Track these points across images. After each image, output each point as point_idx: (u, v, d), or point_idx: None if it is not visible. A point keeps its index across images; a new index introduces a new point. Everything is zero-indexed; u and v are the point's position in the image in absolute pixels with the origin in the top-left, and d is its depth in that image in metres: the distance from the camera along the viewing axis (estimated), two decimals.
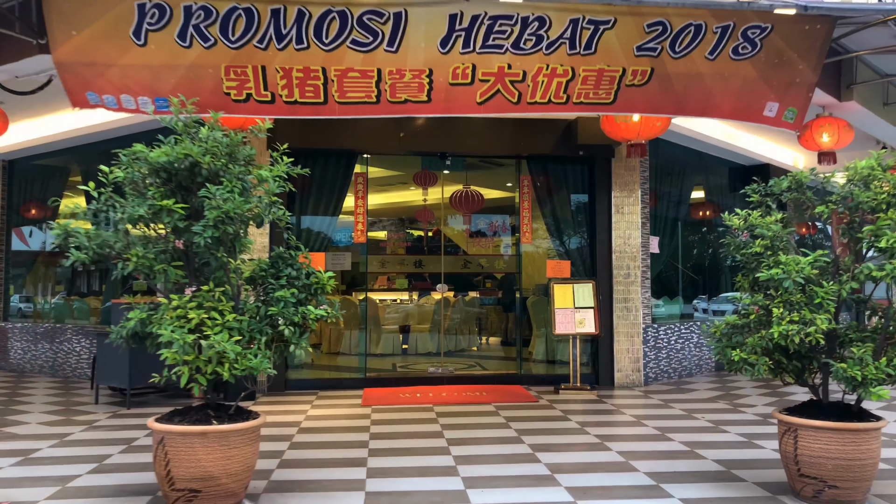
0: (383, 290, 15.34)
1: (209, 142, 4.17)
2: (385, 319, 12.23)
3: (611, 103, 6.29)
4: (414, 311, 12.45)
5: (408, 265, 10.51)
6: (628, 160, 9.29)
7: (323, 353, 12.05)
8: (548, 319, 10.65)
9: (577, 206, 9.53)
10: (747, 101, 6.30)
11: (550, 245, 13.60)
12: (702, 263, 13.00)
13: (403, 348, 12.25)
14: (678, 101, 6.29)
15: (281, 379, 8.73)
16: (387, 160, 10.37)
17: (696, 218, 12.24)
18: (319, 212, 9.02)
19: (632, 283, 9.22)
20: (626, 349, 9.17)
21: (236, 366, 4.13)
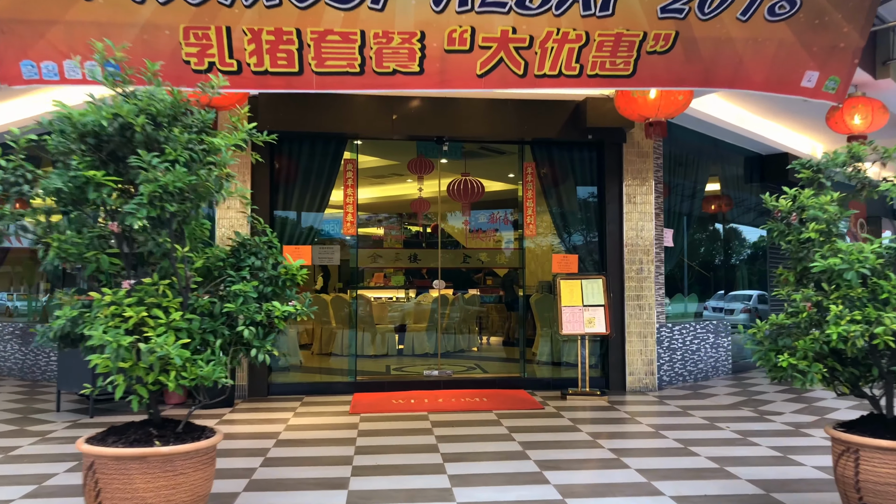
0: (378, 288, 14.66)
1: (145, 100, 3.43)
2: (379, 318, 11.50)
3: (629, 76, 5.55)
4: (409, 310, 11.73)
5: (402, 260, 9.77)
6: (641, 146, 8.56)
7: (314, 353, 11.35)
8: (553, 318, 9.92)
9: (586, 195, 8.80)
10: (783, 69, 5.56)
11: (555, 239, 12.85)
12: (710, 260, 12.28)
13: (399, 349, 11.54)
14: (705, 71, 5.55)
15: (263, 383, 8.01)
16: (379, 147, 9.64)
17: (708, 212, 11.51)
18: (305, 202, 8.30)
19: (645, 279, 8.49)
20: (639, 350, 8.44)
21: (184, 374, 3.40)
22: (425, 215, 11.14)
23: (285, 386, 8.23)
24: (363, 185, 14.20)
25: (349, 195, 8.39)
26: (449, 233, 10.89)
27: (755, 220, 11.90)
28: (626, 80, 5.61)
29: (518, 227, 10.07)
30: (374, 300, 12.41)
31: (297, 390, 8.18)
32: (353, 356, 8.70)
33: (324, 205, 8.32)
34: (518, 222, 9.17)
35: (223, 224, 7.98)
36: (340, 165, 8.40)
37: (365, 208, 12.11)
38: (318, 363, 10.56)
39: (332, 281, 14.55)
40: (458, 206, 9.00)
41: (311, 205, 8.29)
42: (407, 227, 10.39)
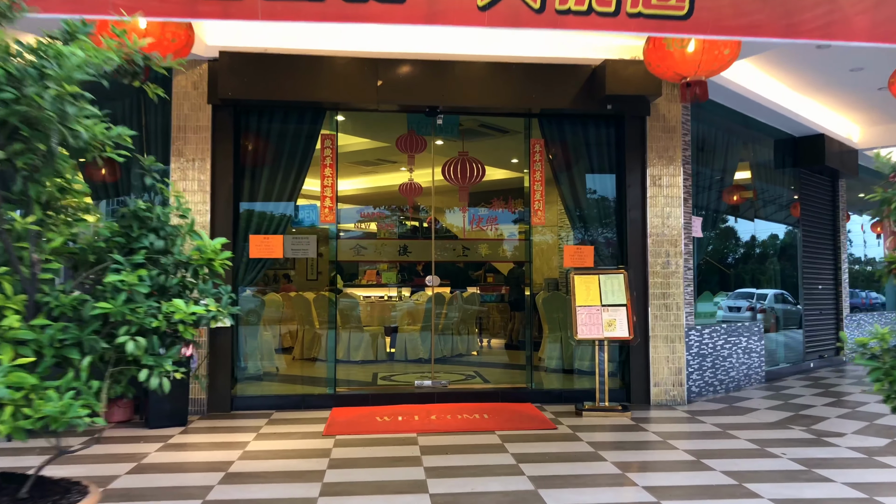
0: (367, 286, 13.48)
1: None
2: (366, 319, 10.31)
3: (684, 16, 4.35)
4: (401, 310, 10.52)
5: (390, 252, 8.54)
6: (667, 119, 7.36)
7: (295, 359, 10.16)
8: (563, 320, 8.73)
9: (603, 177, 7.60)
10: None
11: (565, 230, 11.66)
12: (731, 255, 11.11)
13: (391, 352, 10.35)
14: (787, 15, 4.33)
15: (225, 396, 6.81)
16: (363, 123, 8.45)
17: (729, 202, 10.30)
18: (276, 184, 7.10)
19: (672, 275, 7.29)
20: (666, 357, 7.24)
21: (26, 412, 2.20)
22: (420, 209, 9.94)
23: (253, 399, 7.03)
24: (346, 175, 13.11)
25: (328, 177, 7.19)
26: (444, 222, 9.70)
27: (780, 213, 10.68)
28: (678, 24, 4.40)
29: (523, 217, 8.88)
30: (364, 299, 11.21)
31: (266, 404, 6.98)
32: (333, 363, 7.50)
33: (297, 188, 7.12)
34: (524, 211, 7.96)
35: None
36: (317, 142, 7.20)
37: (348, 200, 10.93)
38: (300, 370, 9.37)
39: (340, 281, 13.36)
40: (454, 192, 7.78)
41: (282, 188, 7.09)
42: (402, 221, 9.15)
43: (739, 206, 10.29)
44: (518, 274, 11.71)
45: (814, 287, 10.80)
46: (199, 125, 6.82)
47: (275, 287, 14.86)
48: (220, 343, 6.81)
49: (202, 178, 6.79)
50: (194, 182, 6.79)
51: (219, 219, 6.87)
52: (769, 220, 10.84)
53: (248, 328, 8.29)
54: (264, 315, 9.27)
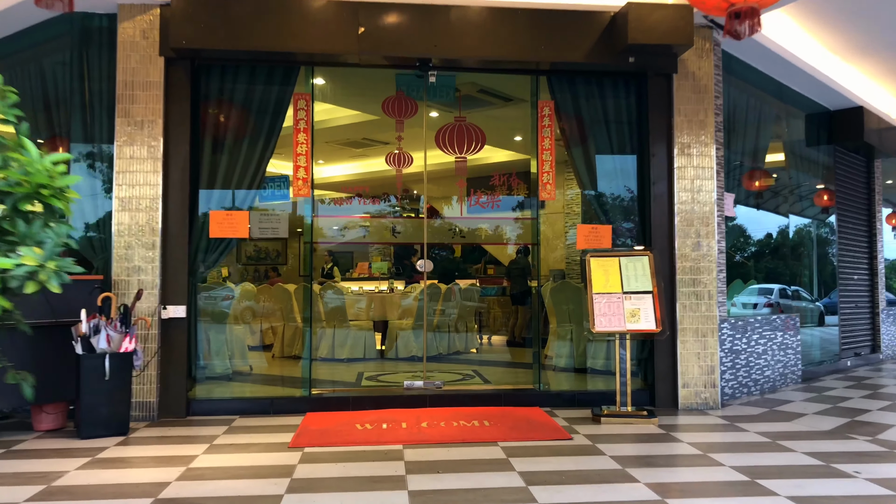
0: (359, 279, 12.50)
1: None
2: (353, 313, 9.29)
3: None
4: (391, 302, 9.50)
5: (374, 233, 7.46)
6: (697, 77, 6.33)
7: (275, 357, 9.15)
8: (574, 312, 7.71)
9: (622, 144, 6.56)
10: None
11: (568, 217, 10.73)
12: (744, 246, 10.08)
13: (380, 350, 9.34)
14: None
15: (181, 399, 5.79)
16: (342, 86, 7.42)
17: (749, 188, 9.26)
18: (241, 153, 6.08)
19: (703, 258, 6.27)
20: (696, 354, 6.22)
21: None
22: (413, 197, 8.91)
23: (214, 403, 5.99)
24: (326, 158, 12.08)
25: (302, 143, 6.16)
26: (437, 200, 8.66)
27: (811, 198, 9.64)
28: None
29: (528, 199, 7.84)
30: (350, 291, 10.19)
31: (229, 408, 5.95)
32: (309, 360, 6.46)
33: (266, 157, 6.09)
34: (530, 187, 6.93)
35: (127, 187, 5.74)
36: (289, 105, 6.17)
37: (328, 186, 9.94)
38: (280, 369, 8.35)
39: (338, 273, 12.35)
40: (450, 165, 6.72)
41: (249, 158, 6.07)
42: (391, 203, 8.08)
43: (763, 193, 9.25)
44: (521, 265, 10.71)
45: (849, 278, 9.78)
46: (150, 81, 5.80)
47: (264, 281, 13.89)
48: (174, 337, 5.78)
49: (153, 143, 5.77)
50: (143, 148, 5.76)
51: (173, 192, 5.85)
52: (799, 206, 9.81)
53: (212, 322, 7.25)
54: (237, 308, 8.25)
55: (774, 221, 9.59)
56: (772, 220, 9.58)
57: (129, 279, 5.69)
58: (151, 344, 5.67)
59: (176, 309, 5.76)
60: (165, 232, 5.81)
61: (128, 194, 5.74)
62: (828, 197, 9.67)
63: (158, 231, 5.74)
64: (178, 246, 5.84)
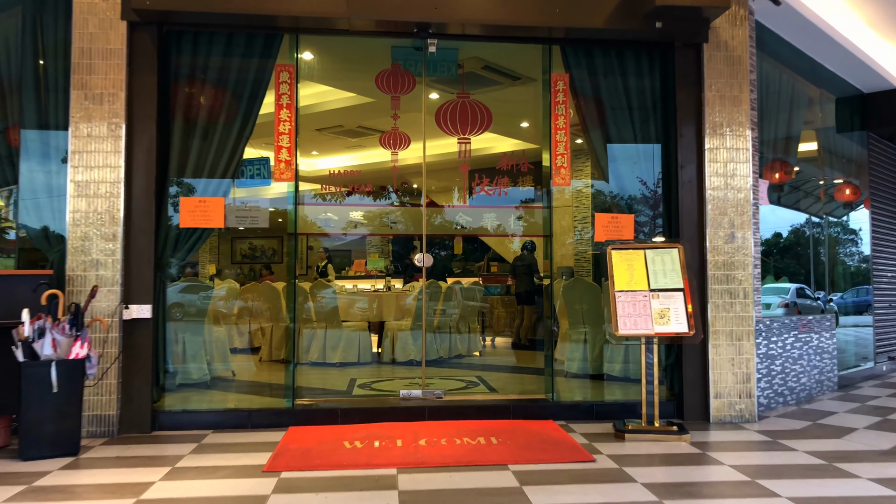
0: (354, 278, 11.83)
1: None
2: (346, 313, 8.59)
3: None
4: (386, 301, 8.79)
5: (369, 225, 6.72)
6: (731, 47, 5.62)
7: (262, 361, 8.44)
8: (588, 312, 6.99)
9: (645, 123, 5.85)
10: None
11: (578, 210, 10.04)
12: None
13: (376, 353, 8.64)
14: None
15: (145, 411, 5.08)
16: (331, 60, 6.70)
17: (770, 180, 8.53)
18: (216, 132, 5.37)
19: (738, 251, 5.55)
20: (730, 360, 5.50)
21: None
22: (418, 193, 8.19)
23: (184, 416, 5.27)
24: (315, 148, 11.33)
25: (284, 121, 5.44)
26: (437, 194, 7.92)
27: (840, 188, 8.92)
28: None
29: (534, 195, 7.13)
30: (343, 290, 9.49)
31: (201, 422, 5.24)
32: (293, 367, 5.74)
33: (244, 138, 5.38)
34: (542, 172, 6.23)
35: (84, 169, 5.03)
36: (270, 77, 5.46)
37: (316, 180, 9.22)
38: (266, 374, 7.65)
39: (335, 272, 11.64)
40: (451, 146, 5.99)
41: (225, 138, 5.36)
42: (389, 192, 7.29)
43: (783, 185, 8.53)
44: (528, 262, 10.00)
45: (883, 276, 9.07)
46: (110, 48, 5.08)
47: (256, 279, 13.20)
48: (139, 341, 5.07)
49: (114, 120, 5.05)
50: (102, 125, 5.04)
51: (137, 176, 5.13)
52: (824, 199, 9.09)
53: (187, 322, 6.54)
54: (217, 308, 7.55)
55: (793, 215, 8.87)
56: (791, 214, 8.85)
57: (85, 274, 4.98)
58: (111, 349, 4.96)
59: (140, 308, 5.05)
60: (128, 221, 5.10)
61: (85, 178, 5.03)
62: (850, 191, 8.95)
63: (120, 220, 5.03)
64: (143, 237, 5.13)
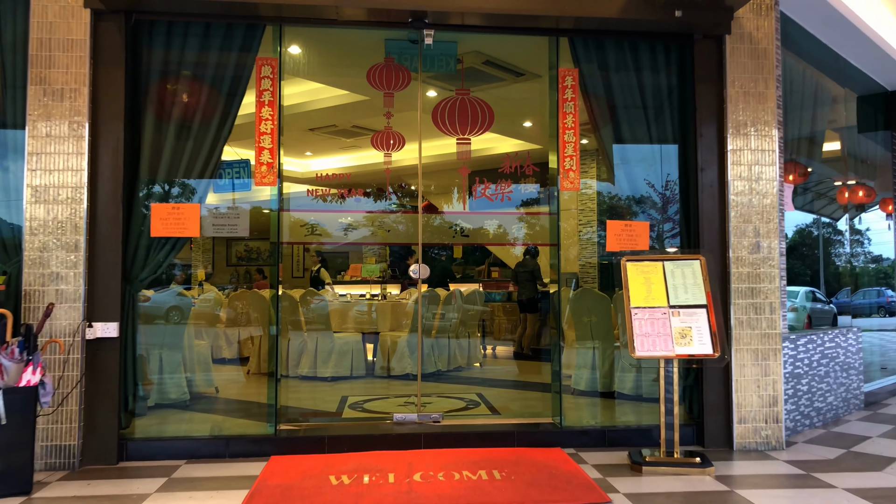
0: (351, 283, 11.37)
1: None
2: (337, 324, 8.11)
3: None
4: (381, 310, 8.31)
5: (360, 230, 6.21)
6: (755, 39, 5.14)
7: (250, 373, 7.95)
8: (597, 325, 6.52)
9: (661, 122, 5.36)
10: None
11: (583, 213, 9.59)
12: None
13: (370, 366, 8.16)
14: None
15: (111, 440, 4.59)
16: (319, 52, 6.22)
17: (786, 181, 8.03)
18: (191, 133, 4.88)
19: (763, 263, 5.07)
20: (755, 381, 5.02)
21: None
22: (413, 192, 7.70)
23: (155, 445, 4.78)
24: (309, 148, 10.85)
25: (266, 119, 4.96)
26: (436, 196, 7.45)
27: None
28: None
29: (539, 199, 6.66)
30: (339, 297, 9.02)
31: (174, 451, 4.75)
32: (275, 386, 5.26)
33: (221, 139, 4.90)
34: (548, 176, 5.77)
35: (43, 173, 4.55)
36: (251, 73, 4.97)
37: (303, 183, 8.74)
38: (254, 389, 7.17)
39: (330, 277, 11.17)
40: (450, 147, 5.50)
41: (201, 140, 4.87)
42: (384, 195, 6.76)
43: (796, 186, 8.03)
44: (530, 268, 9.52)
45: None
46: (72, 39, 4.60)
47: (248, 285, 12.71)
48: (103, 362, 4.59)
49: (76, 118, 4.57)
50: (63, 123, 4.56)
51: (103, 180, 4.65)
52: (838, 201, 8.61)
53: (162, 338, 6.06)
54: (198, 319, 7.07)
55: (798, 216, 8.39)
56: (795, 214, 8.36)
57: (44, 289, 4.49)
58: (73, 372, 4.47)
59: (105, 327, 4.56)
60: (93, 230, 4.62)
61: (43, 182, 4.54)
62: (864, 192, 8.48)
63: (83, 228, 4.55)
64: (110, 247, 4.64)
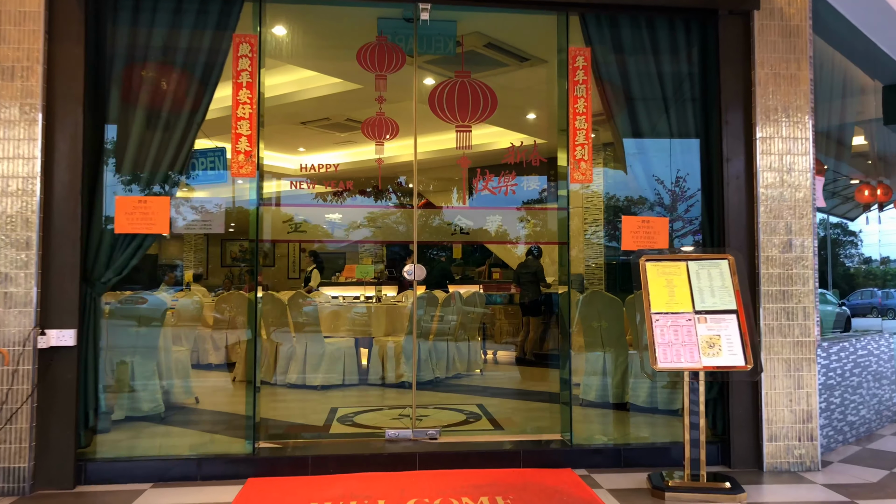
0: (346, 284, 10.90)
1: None
2: (328, 328, 7.61)
3: None
4: (375, 313, 7.82)
5: (351, 227, 5.65)
6: (787, 15, 4.64)
7: (236, 381, 7.45)
8: (610, 330, 6.02)
9: (682, 107, 4.86)
10: None
11: (588, 211, 9.18)
12: None
13: (363, 373, 7.66)
14: None
15: (67, 461, 4.08)
16: (305, 34, 5.73)
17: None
18: (159, 118, 4.38)
19: (796, 263, 4.57)
20: (787, 393, 4.52)
21: None
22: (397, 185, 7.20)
23: (118, 466, 4.26)
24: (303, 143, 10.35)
25: (244, 103, 4.45)
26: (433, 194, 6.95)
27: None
28: None
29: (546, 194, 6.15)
30: (331, 299, 8.54)
31: (140, 472, 4.24)
32: (253, 398, 4.75)
33: (194, 125, 4.40)
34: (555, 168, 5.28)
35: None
36: (229, 47, 4.47)
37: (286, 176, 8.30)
38: (239, 399, 6.67)
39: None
40: (448, 132, 4.99)
41: (171, 126, 4.38)
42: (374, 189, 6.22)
43: None
44: (533, 269, 9.03)
45: None
46: (24, 12, 4.10)
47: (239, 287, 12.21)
48: (59, 374, 4.08)
49: (28, 101, 4.07)
50: (12, 106, 4.06)
51: (60, 169, 4.14)
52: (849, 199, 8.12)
53: (134, 346, 5.56)
54: (175, 322, 6.58)
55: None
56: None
57: None
58: (22, 385, 3.97)
59: (60, 334, 4.06)
60: (47, 225, 4.12)
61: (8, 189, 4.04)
62: (882, 191, 8.00)
63: (35, 224, 4.05)
64: (66, 245, 4.14)
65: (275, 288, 12.71)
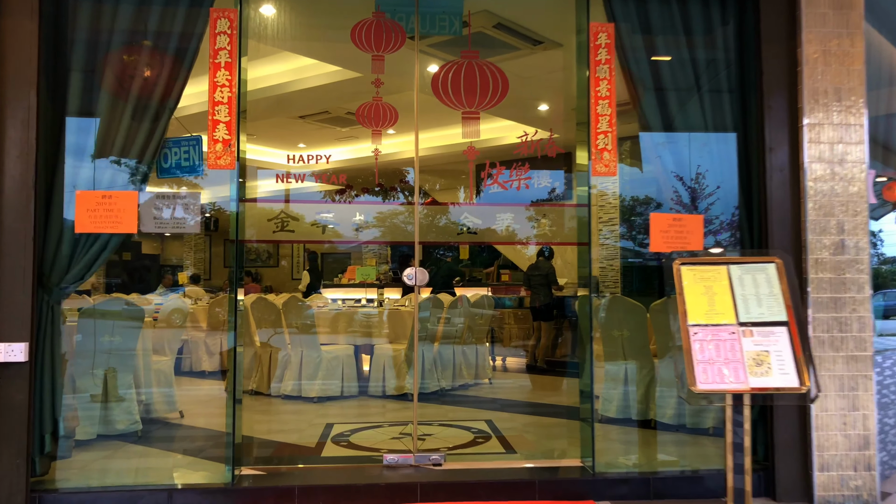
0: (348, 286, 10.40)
1: None
2: (324, 334, 7.09)
3: None
4: (375, 319, 7.30)
5: (337, 227, 5.12)
6: None
7: (227, 390, 6.92)
8: (632, 340, 5.47)
9: (716, 91, 4.31)
10: None
11: (602, 209, 8.71)
12: None
13: (362, 383, 7.13)
14: None
15: (17, 494, 3.57)
16: (295, 15, 5.19)
17: None
18: (128, 102, 3.87)
19: (850, 266, 4.01)
20: (841, 416, 3.96)
21: None
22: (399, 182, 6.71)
23: (76, 499, 3.75)
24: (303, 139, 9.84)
25: (222, 86, 3.93)
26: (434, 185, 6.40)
27: None
28: None
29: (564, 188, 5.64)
30: (328, 303, 8.03)
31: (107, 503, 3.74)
32: (232, 416, 4.23)
33: (166, 111, 3.89)
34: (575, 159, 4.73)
35: None
36: (204, 29, 3.95)
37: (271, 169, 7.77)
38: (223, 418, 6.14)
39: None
40: (454, 120, 4.45)
41: (140, 112, 3.86)
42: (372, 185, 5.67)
43: None
44: (544, 271, 8.49)
45: None
46: None
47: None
48: (7, 395, 3.57)
49: None
50: None
51: (9, 161, 3.64)
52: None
53: (107, 355, 5.04)
54: (156, 330, 6.07)
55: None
56: None
57: None
58: None
59: (8, 348, 3.55)
60: None
61: None
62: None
63: None
64: (17, 245, 3.63)
65: (278, 289, 12.22)
